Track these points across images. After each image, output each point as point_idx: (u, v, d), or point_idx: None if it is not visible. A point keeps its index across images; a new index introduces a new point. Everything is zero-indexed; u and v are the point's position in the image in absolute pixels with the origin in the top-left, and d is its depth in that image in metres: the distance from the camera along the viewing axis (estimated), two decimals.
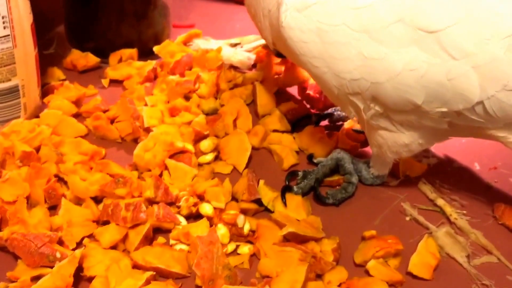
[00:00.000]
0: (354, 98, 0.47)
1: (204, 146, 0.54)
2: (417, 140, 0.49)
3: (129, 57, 0.66)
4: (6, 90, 0.55)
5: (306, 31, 0.46)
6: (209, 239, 0.46)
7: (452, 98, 0.44)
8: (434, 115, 0.46)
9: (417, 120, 0.47)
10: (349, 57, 0.45)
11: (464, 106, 0.44)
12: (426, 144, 0.50)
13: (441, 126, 0.47)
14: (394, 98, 0.45)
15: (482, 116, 0.45)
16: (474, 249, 0.49)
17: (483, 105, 0.44)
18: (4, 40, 0.53)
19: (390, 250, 0.47)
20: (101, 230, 0.47)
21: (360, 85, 0.45)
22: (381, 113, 0.47)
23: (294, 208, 0.50)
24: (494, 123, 0.46)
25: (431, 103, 0.45)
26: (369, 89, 0.45)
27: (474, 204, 0.54)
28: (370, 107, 0.47)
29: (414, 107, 0.45)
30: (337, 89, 0.47)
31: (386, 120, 0.48)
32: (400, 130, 0.48)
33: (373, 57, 0.44)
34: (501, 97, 0.43)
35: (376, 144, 0.51)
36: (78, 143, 0.54)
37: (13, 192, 0.48)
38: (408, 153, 0.50)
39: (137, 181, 0.50)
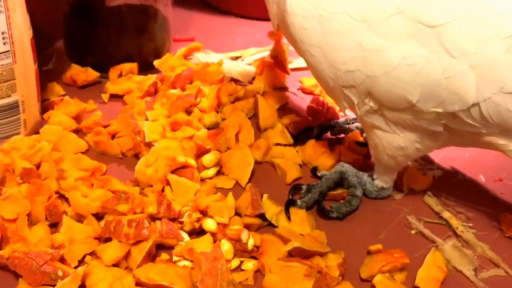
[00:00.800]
0: (348, 91, 0.46)
1: (207, 160, 0.54)
2: (413, 144, 0.48)
3: (129, 72, 0.65)
4: (6, 106, 0.54)
5: (309, 17, 0.45)
6: (213, 255, 0.45)
7: (447, 97, 0.43)
8: (429, 116, 0.45)
9: (412, 120, 0.46)
10: (346, 47, 0.44)
11: (460, 107, 0.43)
12: (424, 150, 0.49)
13: (437, 128, 0.46)
14: (388, 94, 0.44)
15: (477, 120, 0.44)
16: (481, 262, 0.49)
17: (479, 107, 0.43)
18: (4, 56, 0.52)
19: (396, 264, 0.47)
20: (103, 247, 0.46)
21: (355, 77, 0.45)
22: (375, 109, 0.46)
23: (298, 223, 0.50)
24: (489, 128, 0.45)
25: (426, 102, 0.44)
26: (364, 83, 0.45)
27: (480, 217, 0.53)
28: (365, 102, 0.46)
29: (409, 105, 0.44)
30: (332, 81, 0.46)
31: (380, 118, 0.47)
32: (395, 131, 0.47)
33: (370, 48, 0.43)
34: (497, 100, 0.43)
35: (373, 145, 0.50)
36: (79, 159, 0.53)
37: (13, 210, 0.47)
38: (404, 158, 0.49)
39: (139, 197, 0.49)
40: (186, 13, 0.83)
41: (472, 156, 0.60)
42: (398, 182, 0.54)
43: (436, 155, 0.60)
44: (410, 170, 0.56)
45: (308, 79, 0.67)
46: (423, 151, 0.49)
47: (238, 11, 0.83)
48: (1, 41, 0.52)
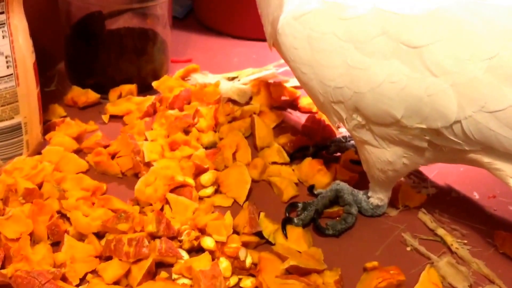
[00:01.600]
0: (337, 107, 0.48)
1: (205, 179, 0.55)
2: (401, 159, 0.49)
3: (129, 93, 0.67)
4: (9, 128, 0.55)
5: (298, 37, 0.48)
6: (211, 273, 0.46)
7: (430, 114, 0.45)
8: (413, 132, 0.46)
9: (398, 135, 0.47)
10: (334, 65, 0.46)
11: (442, 124, 0.45)
12: (411, 166, 0.50)
13: (421, 144, 0.47)
14: (374, 109, 0.46)
15: (460, 137, 0.45)
16: (477, 279, 0.50)
17: (461, 125, 0.45)
18: (7, 79, 0.54)
19: (392, 281, 0.47)
20: (104, 265, 0.47)
21: (343, 93, 0.47)
22: (363, 124, 0.48)
23: (295, 240, 0.51)
24: (472, 146, 0.46)
25: (410, 118, 0.46)
26: (352, 99, 0.47)
27: (475, 233, 0.54)
28: (353, 117, 0.48)
29: (394, 120, 0.46)
30: (322, 96, 0.48)
31: (368, 132, 0.48)
32: (382, 146, 0.49)
33: (356, 66, 0.46)
34: (478, 118, 0.44)
35: (364, 160, 0.51)
36: (80, 179, 0.54)
37: (16, 229, 0.48)
38: (394, 172, 0.51)
39: (139, 216, 0.50)
40: (184, 35, 0.85)
41: (465, 172, 0.61)
42: (393, 199, 0.55)
43: (429, 171, 0.61)
44: (404, 187, 0.57)
45: (305, 98, 0.69)
46: (411, 166, 0.50)
47: (235, 32, 0.84)
48: (4, 65, 0.53)
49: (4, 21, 0.52)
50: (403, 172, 0.51)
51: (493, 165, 0.47)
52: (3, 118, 0.54)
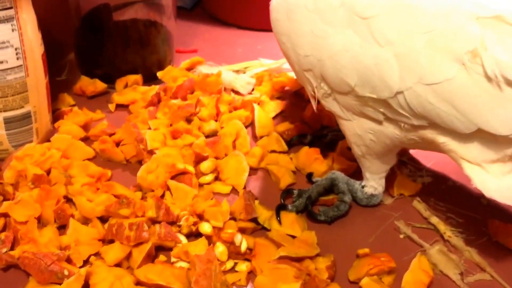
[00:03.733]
0: (308, 75, 0.51)
1: (204, 167, 0.57)
2: (367, 134, 0.51)
3: (134, 83, 0.69)
4: (20, 116, 0.58)
5: (281, 11, 0.52)
6: (207, 258, 0.48)
7: (378, 84, 0.47)
8: (368, 102, 0.48)
9: (357, 106, 0.50)
10: (303, 34, 0.50)
11: (388, 94, 0.47)
12: (379, 144, 0.51)
13: (378, 117, 0.49)
14: (334, 77, 0.49)
15: (406, 109, 0.47)
16: (468, 267, 0.50)
17: (404, 96, 0.46)
18: (17, 70, 0.56)
19: (383, 268, 0.49)
20: (106, 248, 0.49)
21: (310, 61, 0.50)
22: (329, 93, 0.51)
23: (289, 225, 0.52)
24: (418, 120, 0.47)
25: (362, 86, 0.48)
26: (317, 66, 0.50)
27: (469, 222, 0.55)
28: (321, 86, 0.51)
29: (350, 89, 0.48)
30: (296, 65, 0.52)
31: (334, 102, 0.51)
32: (348, 117, 0.51)
33: (319, 35, 0.49)
34: (418, 90, 0.45)
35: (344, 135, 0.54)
36: (86, 165, 0.57)
37: (25, 213, 0.51)
38: (366, 148, 0.52)
39: (140, 201, 0.52)
40: (191, 26, 0.86)
41: None
42: (388, 187, 0.57)
43: (427, 160, 0.62)
44: (400, 176, 0.58)
45: None
46: (379, 144, 0.51)
47: (240, 23, 0.85)
48: (14, 57, 0.55)
49: (13, 15, 0.54)
50: (375, 151, 0.52)
51: (447, 146, 0.48)
52: (13, 107, 0.57)
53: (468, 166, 0.47)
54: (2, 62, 0.55)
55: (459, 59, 0.44)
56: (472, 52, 0.44)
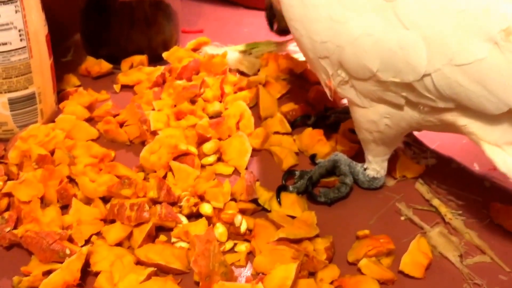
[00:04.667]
0: (324, 62, 0.50)
1: (207, 148, 0.57)
2: (383, 119, 0.50)
3: (140, 63, 0.69)
4: (24, 97, 0.59)
5: None
6: (206, 238, 0.48)
7: (403, 67, 0.46)
8: (390, 87, 0.47)
9: (377, 92, 0.48)
10: (320, 19, 0.48)
11: (414, 77, 0.46)
12: (394, 128, 0.51)
13: (399, 101, 0.48)
14: (354, 63, 0.48)
15: (432, 92, 0.46)
16: (468, 249, 0.50)
17: (431, 79, 0.45)
18: (21, 52, 0.56)
19: (382, 249, 0.49)
20: (107, 228, 0.50)
21: (327, 47, 0.49)
22: (346, 80, 0.49)
23: (290, 206, 0.52)
24: (444, 102, 0.46)
25: (385, 71, 0.47)
26: (335, 53, 0.48)
27: (471, 204, 0.54)
28: (338, 73, 0.49)
29: (371, 74, 0.47)
30: (311, 52, 0.50)
31: (352, 89, 0.50)
32: (365, 104, 0.50)
33: (338, 20, 0.47)
34: (446, 72, 0.45)
35: (354, 122, 0.53)
36: (90, 146, 0.57)
37: (28, 193, 0.52)
38: (379, 134, 0.52)
39: (142, 182, 0.53)
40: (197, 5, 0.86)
41: (467, 144, 0.61)
42: (391, 169, 0.56)
43: (431, 142, 0.61)
44: (403, 158, 0.58)
45: None
46: (394, 128, 0.51)
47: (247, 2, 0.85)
48: (18, 38, 0.56)
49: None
50: (388, 135, 0.52)
51: (467, 128, 0.47)
52: (18, 88, 0.58)
53: (489, 148, 0.47)
54: (5, 44, 0.55)
55: (491, 38, 0.43)
56: (506, 30, 0.43)
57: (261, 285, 0.45)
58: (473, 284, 0.47)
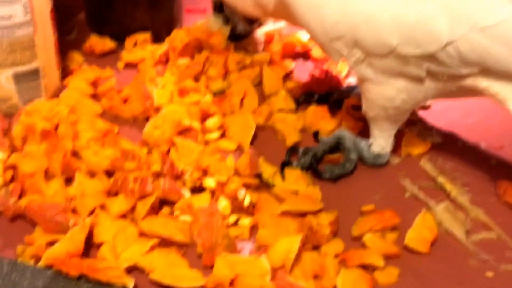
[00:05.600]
0: (336, 44, 0.49)
1: (210, 123, 0.57)
2: (400, 94, 0.49)
3: (144, 41, 0.69)
4: (29, 72, 0.58)
5: None
6: (209, 210, 0.48)
7: (423, 38, 0.45)
8: (411, 60, 0.47)
9: (397, 67, 0.48)
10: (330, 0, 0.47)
11: (436, 47, 0.45)
12: (410, 101, 0.50)
13: (420, 73, 0.48)
14: (371, 40, 0.47)
15: (456, 59, 0.45)
16: (474, 226, 0.50)
17: (455, 46, 0.45)
18: (25, 26, 0.56)
19: (387, 224, 0.49)
20: (111, 201, 0.50)
21: (340, 28, 0.48)
22: (362, 59, 0.48)
23: (294, 181, 0.52)
24: (470, 68, 0.46)
25: (405, 45, 0.46)
26: (349, 32, 0.47)
27: (477, 182, 0.54)
28: (353, 53, 0.48)
29: (390, 49, 0.47)
30: (322, 35, 0.49)
31: (368, 68, 0.49)
32: (382, 81, 0.49)
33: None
34: (471, 37, 0.44)
35: (364, 100, 0.52)
36: (93, 121, 0.57)
37: (32, 165, 0.52)
38: (394, 110, 0.51)
39: (145, 156, 0.52)
40: None
41: (474, 122, 0.61)
42: (396, 146, 0.56)
43: (437, 120, 0.61)
44: (408, 135, 0.57)
45: (317, 49, 0.69)
46: (410, 102, 0.51)
47: None
48: (22, 12, 0.56)
49: None
50: (403, 110, 0.51)
51: (490, 90, 0.47)
52: (22, 62, 0.58)
53: None
54: (10, 18, 0.55)
55: None
56: None
57: (264, 257, 0.45)
58: (479, 260, 0.47)
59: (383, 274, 0.46)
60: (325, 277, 0.45)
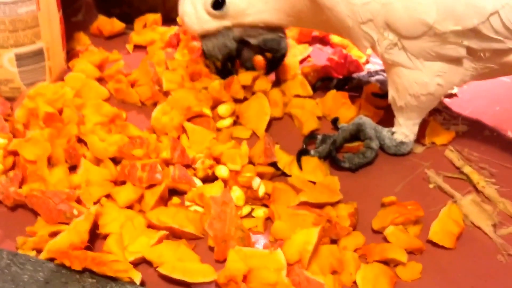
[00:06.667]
0: (367, 27, 0.46)
1: (222, 110, 0.54)
2: (435, 79, 0.47)
3: (153, 23, 0.66)
4: (31, 53, 0.56)
5: None
6: (222, 199, 0.45)
7: (464, 12, 0.43)
8: (449, 38, 0.44)
9: (433, 48, 0.45)
10: None
11: (479, 20, 0.42)
12: (446, 86, 0.48)
13: (459, 53, 0.45)
14: (405, 19, 0.44)
15: (500, 31, 0.43)
16: (502, 219, 0.47)
17: (499, 16, 0.42)
18: (28, 3, 0.53)
19: (410, 217, 0.46)
20: (118, 189, 0.47)
21: (371, 9, 0.45)
22: (395, 43, 0.46)
23: (311, 170, 0.49)
24: None
25: (443, 21, 0.43)
26: (380, 13, 0.45)
27: (505, 173, 0.51)
28: (384, 36, 0.46)
29: (427, 28, 0.44)
30: (350, 19, 0.46)
31: (401, 52, 0.46)
32: (417, 66, 0.46)
33: None
34: None
35: (394, 88, 0.49)
36: (100, 105, 0.55)
37: (35, 151, 0.49)
38: (427, 97, 0.48)
39: (154, 142, 0.50)
40: None
41: (501, 111, 0.58)
42: (419, 135, 0.53)
43: (463, 109, 0.58)
44: (433, 123, 0.54)
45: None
46: (446, 87, 0.48)
47: None
48: None
49: None
50: (436, 96, 0.49)
51: None
52: (24, 42, 0.55)
53: None
54: None
55: None
56: None
57: (280, 251, 0.42)
58: (507, 255, 0.45)
59: (405, 270, 0.43)
60: (344, 272, 0.43)
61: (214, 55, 0.54)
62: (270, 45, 0.54)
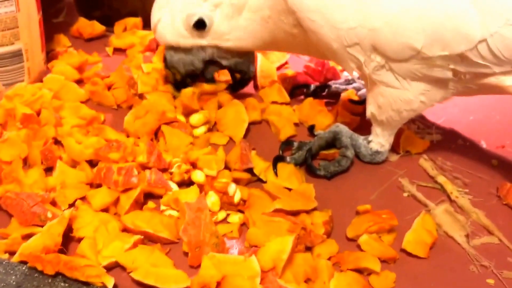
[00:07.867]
0: (353, 50, 0.46)
1: (194, 120, 0.54)
2: (419, 97, 0.47)
3: (134, 26, 0.66)
4: (10, 53, 0.56)
5: None
6: (197, 206, 0.45)
7: (453, 38, 0.43)
8: (436, 62, 0.44)
9: (420, 70, 0.45)
10: (344, 4, 0.44)
11: (467, 46, 0.43)
12: (428, 102, 0.48)
13: (445, 75, 0.45)
14: (392, 44, 0.44)
15: (487, 58, 0.43)
16: (475, 229, 0.48)
17: (487, 44, 0.42)
18: (7, 4, 0.53)
19: (384, 226, 0.46)
20: (93, 192, 0.47)
21: (357, 33, 0.45)
22: (382, 65, 0.46)
23: (287, 177, 0.50)
24: (501, 66, 0.44)
25: (431, 46, 0.43)
26: (367, 37, 0.44)
27: (478, 183, 0.52)
28: (371, 58, 0.46)
29: (415, 52, 0.44)
30: (335, 42, 0.46)
31: (389, 73, 0.46)
32: (403, 85, 0.47)
33: (368, 1, 0.43)
34: (504, 32, 0.42)
35: (376, 104, 0.49)
36: (78, 108, 0.55)
37: (11, 152, 0.49)
38: (409, 113, 0.49)
39: (131, 146, 0.50)
40: None
41: (475, 120, 0.59)
42: (394, 144, 0.54)
43: (436, 118, 0.58)
44: (407, 132, 0.55)
45: None
46: (428, 104, 0.48)
47: None
48: None
49: None
50: (418, 112, 0.49)
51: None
52: (3, 43, 0.55)
53: None
54: None
55: None
56: None
57: (254, 258, 0.43)
58: (480, 266, 0.45)
59: (379, 278, 0.43)
60: (317, 280, 0.43)
61: (177, 68, 0.54)
62: (240, 67, 0.54)
